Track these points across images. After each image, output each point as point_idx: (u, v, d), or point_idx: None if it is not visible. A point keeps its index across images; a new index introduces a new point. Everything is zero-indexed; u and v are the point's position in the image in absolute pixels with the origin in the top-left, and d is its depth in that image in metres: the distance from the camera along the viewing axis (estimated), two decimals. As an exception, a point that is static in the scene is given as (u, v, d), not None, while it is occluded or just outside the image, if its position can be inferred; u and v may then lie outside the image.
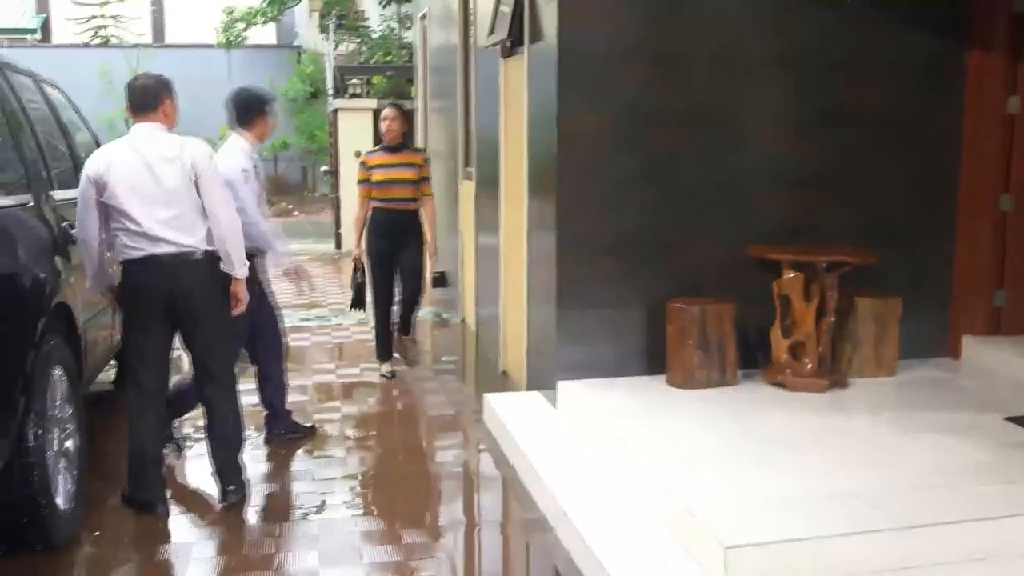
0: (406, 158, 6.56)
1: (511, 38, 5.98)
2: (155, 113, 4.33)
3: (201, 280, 4.31)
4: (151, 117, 4.33)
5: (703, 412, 4.92)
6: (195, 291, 4.31)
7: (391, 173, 6.47)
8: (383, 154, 6.56)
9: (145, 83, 4.40)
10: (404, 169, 6.50)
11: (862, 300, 5.45)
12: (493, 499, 4.79)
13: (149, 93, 4.35)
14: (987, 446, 4.35)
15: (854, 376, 5.45)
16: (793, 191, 5.55)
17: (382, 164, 6.50)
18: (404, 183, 6.49)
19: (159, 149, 4.24)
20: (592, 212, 5.36)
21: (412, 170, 6.53)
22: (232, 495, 4.44)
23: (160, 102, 4.34)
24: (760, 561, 3.41)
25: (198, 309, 4.34)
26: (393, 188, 6.47)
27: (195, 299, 4.32)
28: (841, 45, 5.52)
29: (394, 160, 6.49)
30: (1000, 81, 5.63)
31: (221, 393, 4.51)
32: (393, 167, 6.48)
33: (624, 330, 5.48)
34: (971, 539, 3.57)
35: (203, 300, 4.34)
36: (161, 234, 4.20)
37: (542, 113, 5.52)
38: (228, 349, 4.63)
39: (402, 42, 23.57)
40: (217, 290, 4.40)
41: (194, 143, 4.32)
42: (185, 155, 4.23)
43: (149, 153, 4.23)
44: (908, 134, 5.70)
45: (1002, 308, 5.83)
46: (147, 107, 4.33)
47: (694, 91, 5.38)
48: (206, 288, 4.34)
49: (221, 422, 4.51)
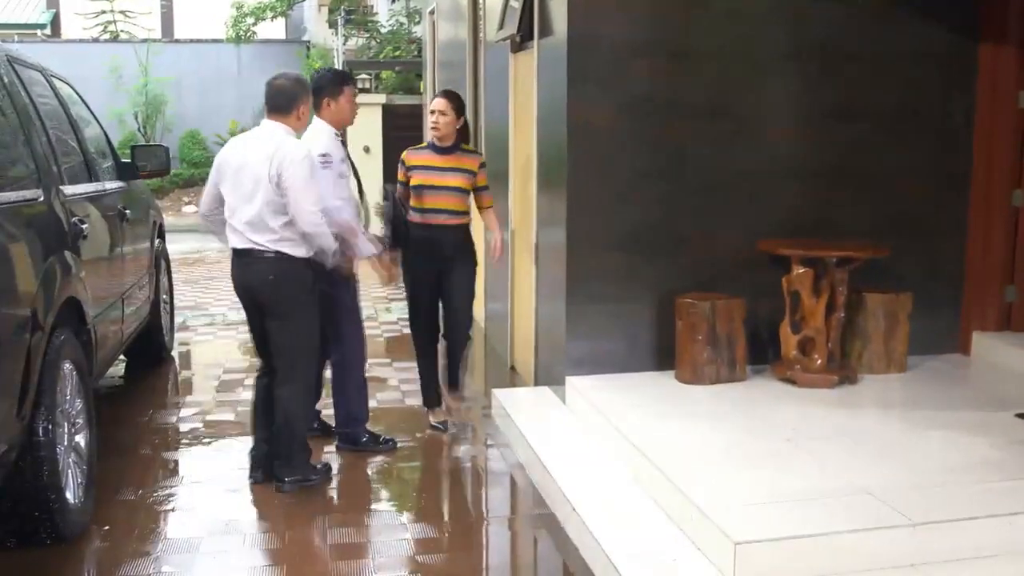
0: (458, 162, 5.25)
1: (521, 33, 5.96)
2: (287, 116, 4.36)
3: (267, 279, 4.35)
4: (282, 119, 4.35)
5: (712, 408, 4.91)
6: (261, 289, 4.38)
7: (434, 178, 5.21)
8: (429, 153, 5.28)
9: (283, 84, 4.40)
10: (453, 175, 5.22)
11: (871, 295, 5.43)
12: (502, 495, 4.78)
13: (285, 95, 4.35)
14: (998, 443, 4.33)
15: (863, 372, 5.43)
16: (805, 185, 5.53)
17: (424, 166, 5.24)
18: (451, 191, 5.21)
19: (261, 149, 4.27)
20: (602, 206, 5.35)
21: (464, 177, 5.24)
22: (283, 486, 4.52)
23: (295, 105, 4.36)
24: (770, 557, 3.40)
25: (265, 306, 4.42)
26: (435, 197, 5.20)
27: (262, 296, 4.39)
28: (854, 39, 5.50)
29: (441, 163, 5.22)
30: (1013, 75, 5.59)
31: (281, 391, 4.48)
32: (438, 171, 5.21)
33: (633, 325, 5.47)
34: (983, 536, 3.56)
35: (270, 298, 4.38)
36: (241, 230, 4.35)
37: (552, 107, 5.51)
38: (297, 349, 4.47)
39: (411, 36, 23.59)
40: (290, 291, 4.37)
41: (290, 143, 4.29)
42: (276, 154, 4.22)
43: (252, 152, 4.30)
44: (921, 128, 5.68)
45: (1013, 303, 5.80)
46: (279, 108, 4.35)
47: (706, 85, 5.37)
48: (273, 287, 4.35)
49: (276, 419, 4.52)
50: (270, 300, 4.39)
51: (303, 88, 4.32)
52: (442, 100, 5.20)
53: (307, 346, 4.51)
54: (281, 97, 4.29)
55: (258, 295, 4.40)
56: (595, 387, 5.22)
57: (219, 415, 5.76)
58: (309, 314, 4.46)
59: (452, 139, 5.24)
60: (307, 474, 4.57)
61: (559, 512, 4.29)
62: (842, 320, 5.31)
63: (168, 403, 6.06)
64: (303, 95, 4.30)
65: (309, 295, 4.43)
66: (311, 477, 4.58)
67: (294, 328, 4.42)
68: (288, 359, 4.45)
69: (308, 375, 4.60)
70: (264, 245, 4.31)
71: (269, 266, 4.32)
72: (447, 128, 5.18)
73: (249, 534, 4.14)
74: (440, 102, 5.20)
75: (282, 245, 4.32)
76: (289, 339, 4.43)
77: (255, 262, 4.32)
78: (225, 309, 8.86)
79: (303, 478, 4.55)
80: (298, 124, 4.33)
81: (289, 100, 4.29)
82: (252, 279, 4.37)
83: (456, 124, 5.21)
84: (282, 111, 4.29)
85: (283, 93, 4.30)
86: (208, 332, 8.02)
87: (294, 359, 4.47)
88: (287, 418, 4.48)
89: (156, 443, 5.31)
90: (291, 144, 4.27)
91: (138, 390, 6.27)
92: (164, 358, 6.94)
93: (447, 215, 5.21)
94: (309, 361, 4.58)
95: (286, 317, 4.39)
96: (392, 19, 23.18)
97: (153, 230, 6.57)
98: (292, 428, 4.50)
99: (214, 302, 9.29)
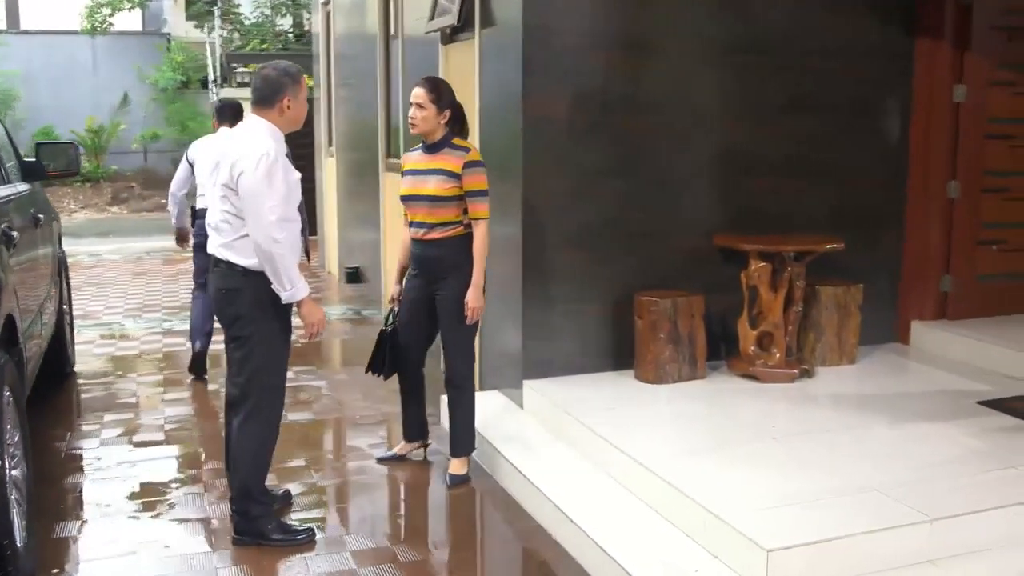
0: (440, 162, 4.41)
1: (461, 23, 5.71)
2: (270, 110, 3.83)
3: (220, 292, 3.86)
4: (264, 112, 3.84)
5: (684, 408, 4.81)
6: (217, 302, 3.92)
7: (415, 184, 4.46)
8: (419, 155, 4.51)
9: (267, 74, 3.88)
10: (432, 178, 4.40)
11: (825, 288, 5.44)
12: (481, 509, 4.51)
13: (269, 85, 3.84)
14: (976, 432, 4.38)
15: (817, 364, 5.44)
16: (757, 179, 5.50)
17: (411, 170, 4.52)
18: (424, 201, 4.41)
19: (235, 149, 3.76)
20: (558, 202, 5.18)
21: (440, 181, 4.36)
22: (235, 539, 3.98)
23: (279, 97, 3.83)
24: (800, 563, 3.30)
25: (222, 321, 3.95)
26: (414, 207, 4.47)
27: (219, 310, 3.93)
28: (802, 32, 5.50)
29: (425, 164, 4.45)
30: (948, 69, 5.71)
31: (236, 423, 3.91)
32: (420, 175, 4.44)
33: (589, 325, 5.32)
34: (995, 527, 3.56)
35: (225, 314, 3.89)
36: (210, 233, 3.92)
37: (502, 100, 5.28)
38: (253, 379, 3.84)
39: (277, 29, 22.87)
40: (247, 309, 3.79)
41: (255, 145, 3.71)
42: (240, 157, 3.70)
43: (226, 151, 3.80)
44: (865, 122, 5.75)
45: (949, 293, 5.93)
46: (263, 101, 3.83)
47: (661, 78, 5.26)
48: (226, 301, 3.85)
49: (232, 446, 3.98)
50: (225, 316, 3.89)
51: (291, 79, 3.84)
52: (419, 90, 4.40)
53: (267, 381, 3.86)
54: (265, 88, 3.82)
55: (217, 309, 3.95)
56: (558, 390, 5.04)
57: (145, 435, 5.29)
58: (270, 340, 3.84)
59: (439, 135, 4.42)
60: (264, 532, 3.92)
61: (546, 523, 4.09)
62: (799, 314, 5.30)
63: (84, 424, 5.52)
64: (289, 86, 3.82)
65: (273, 319, 3.82)
66: (272, 537, 3.92)
67: (249, 354, 3.83)
68: (243, 389, 3.86)
69: (270, 413, 3.91)
70: (220, 253, 3.83)
71: (225, 277, 3.83)
72: (426, 124, 4.37)
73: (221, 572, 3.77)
74: (417, 92, 4.39)
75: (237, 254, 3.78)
76: (245, 365, 3.85)
77: (217, 271, 3.87)
78: (120, 318, 8.26)
79: (259, 535, 3.92)
80: (281, 119, 3.84)
81: (273, 91, 3.81)
82: (212, 290, 3.94)
83: (440, 118, 4.38)
84: (264, 104, 3.82)
85: (267, 83, 3.83)
86: (107, 344, 7.42)
87: (249, 390, 3.85)
88: (238, 460, 3.89)
89: (83, 470, 4.82)
90: (257, 144, 3.72)
91: (48, 410, 5.68)
92: (68, 373, 6.37)
93: (426, 228, 4.43)
94: (270, 396, 3.90)
95: (243, 340, 3.84)
96: (256, 11, 22.42)
97: (56, 235, 6.01)
98: (241, 474, 3.89)
99: (105, 311, 8.64)
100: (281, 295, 3.75)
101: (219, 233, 3.81)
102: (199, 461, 4.94)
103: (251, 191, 3.66)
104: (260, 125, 3.81)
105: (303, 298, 3.80)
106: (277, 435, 3.98)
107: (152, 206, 19.32)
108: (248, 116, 3.88)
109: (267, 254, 3.67)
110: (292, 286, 3.74)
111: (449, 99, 4.44)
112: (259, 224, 3.66)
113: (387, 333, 4.68)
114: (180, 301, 8.88)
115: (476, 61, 5.61)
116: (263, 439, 3.90)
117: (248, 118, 3.88)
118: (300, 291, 3.78)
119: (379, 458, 4.93)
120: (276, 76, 3.82)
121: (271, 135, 3.78)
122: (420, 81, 4.50)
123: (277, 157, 3.72)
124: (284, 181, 3.73)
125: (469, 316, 4.42)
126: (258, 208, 3.66)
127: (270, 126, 3.80)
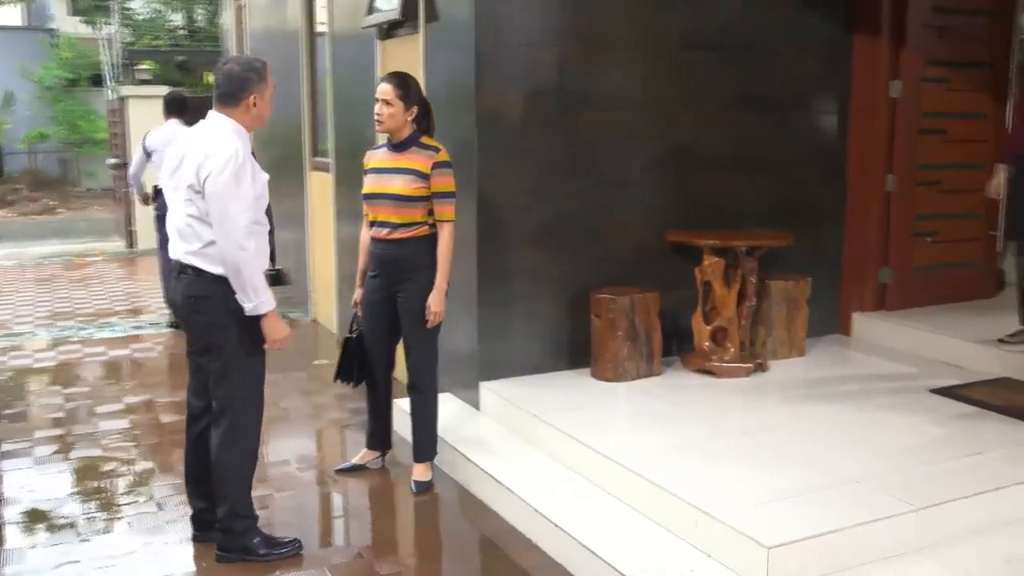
0: (407, 161, 4.26)
1: (404, 16, 5.56)
2: (235, 108, 3.57)
3: (188, 299, 3.60)
4: (229, 111, 3.57)
5: (649, 405, 4.78)
6: (185, 311, 3.67)
7: (379, 183, 4.30)
8: (384, 153, 4.35)
9: (230, 70, 3.60)
10: (399, 177, 4.26)
11: (775, 282, 5.49)
12: (450, 515, 4.36)
13: (232, 81, 3.56)
14: (936, 420, 4.47)
15: (769, 358, 5.48)
16: (705, 175, 5.53)
17: (375, 168, 4.37)
18: (388, 200, 4.26)
19: (200, 149, 3.49)
20: (513, 201, 5.09)
21: (407, 180, 4.21)
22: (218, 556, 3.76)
23: (245, 94, 3.56)
24: (798, 558, 3.29)
25: (191, 331, 3.70)
26: (376, 206, 4.31)
27: (187, 320, 3.69)
28: (746, 28, 5.54)
29: (391, 163, 4.29)
30: (884, 66, 5.83)
31: (214, 439, 3.66)
32: (385, 174, 4.29)
33: (544, 324, 5.25)
34: (975, 512, 3.64)
35: (194, 323, 3.64)
36: (172, 236, 3.66)
37: (451, 97, 5.16)
38: (230, 392, 3.61)
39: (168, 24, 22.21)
40: (219, 318, 3.55)
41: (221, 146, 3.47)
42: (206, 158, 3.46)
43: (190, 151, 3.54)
44: (806, 117, 5.84)
45: (887, 285, 6.06)
46: (227, 98, 3.57)
47: (613, 74, 5.23)
48: (195, 310, 3.60)
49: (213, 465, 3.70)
50: (195, 326, 3.66)
51: (256, 75, 3.58)
52: (386, 86, 4.23)
53: (247, 392, 3.65)
54: (229, 85, 3.56)
55: (184, 317, 3.72)
56: (517, 391, 4.95)
57: (83, 451, 4.99)
58: (247, 348, 3.61)
59: (406, 132, 4.28)
60: (249, 547, 3.72)
61: (525, 528, 4.00)
62: (753, 308, 5.34)
63: (10, 445, 5.17)
64: (255, 82, 3.57)
65: (248, 326, 3.57)
66: (258, 552, 3.73)
67: (225, 365, 3.60)
68: (221, 403, 3.63)
69: (251, 427, 3.70)
70: (187, 260, 3.56)
71: (193, 284, 3.56)
72: (393, 121, 4.22)
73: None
74: (384, 89, 4.22)
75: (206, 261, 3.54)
76: (222, 379, 3.62)
77: (182, 278, 3.61)
78: (31, 327, 7.82)
79: (244, 551, 3.72)
80: (248, 118, 3.59)
81: (238, 88, 3.55)
82: (177, 297, 3.68)
83: (408, 115, 4.24)
84: (228, 101, 3.55)
85: (231, 80, 3.56)
86: (23, 356, 6.99)
87: (227, 404, 3.63)
88: (219, 477, 3.67)
89: (30, 497, 4.47)
90: (218, 144, 3.49)
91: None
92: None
93: (389, 228, 4.28)
94: (251, 408, 3.69)
95: (216, 351, 3.60)
96: (147, 7, 21.73)
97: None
98: (224, 491, 3.67)
99: (15, 320, 8.16)
100: (244, 307, 3.51)
101: (184, 239, 3.57)
102: (150, 476, 4.68)
103: (218, 194, 3.43)
104: (225, 124, 3.56)
105: (268, 312, 3.58)
106: (259, 447, 3.77)
107: (40, 208, 18.47)
108: (211, 114, 3.61)
109: (233, 262, 3.45)
110: (257, 298, 3.52)
111: (417, 95, 4.30)
112: (226, 230, 3.44)
113: (353, 340, 4.52)
114: (94, 308, 8.47)
115: (421, 56, 5.48)
116: (246, 454, 3.70)
117: (211, 116, 3.60)
118: (265, 303, 3.55)
119: (338, 469, 4.75)
120: (241, 72, 3.58)
121: (237, 135, 3.55)
122: (386, 77, 4.34)
123: (245, 159, 3.50)
124: (252, 184, 3.52)
125: (431, 320, 4.30)
126: (225, 212, 3.43)
127: (235, 125, 3.56)
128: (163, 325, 7.80)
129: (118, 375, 6.48)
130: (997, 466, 3.92)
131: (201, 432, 3.76)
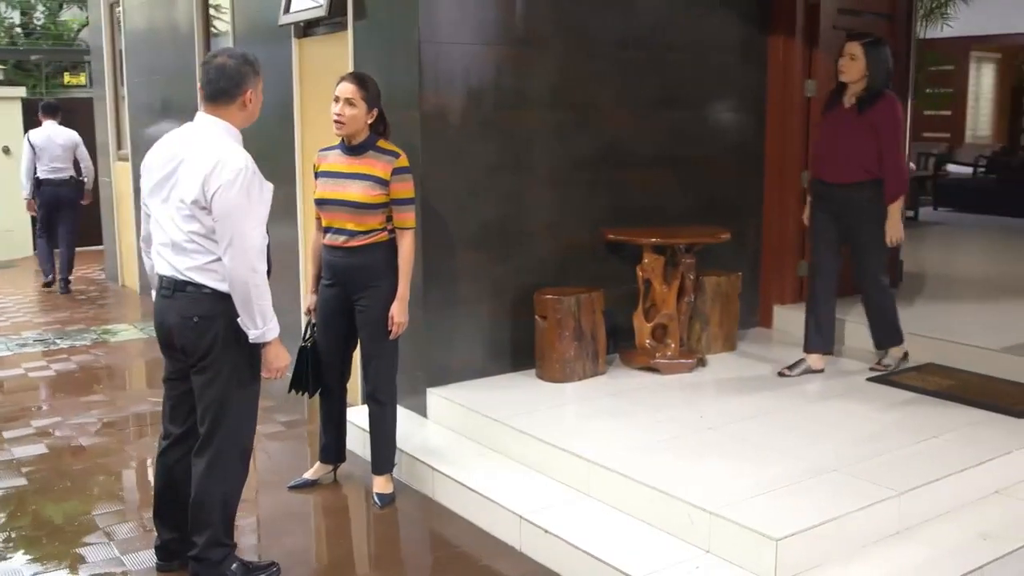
0: (365, 166, 4.07)
1: (331, 15, 5.37)
2: (229, 106, 3.27)
3: (190, 320, 3.28)
4: (222, 110, 3.27)
5: (604, 405, 4.77)
6: (183, 332, 3.31)
7: (334, 188, 4.12)
8: (338, 156, 4.15)
9: (223, 63, 3.27)
10: (357, 183, 4.06)
11: (709, 278, 5.59)
12: (423, 527, 4.22)
13: (228, 77, 3.26)
14: (883, 407, 4.64)
15: (705, 352, 5.58)
16: (634, 173, 5.59)
17: (328, 172, 4.17)
18: (346, 207, 4.07)
19: (201, 159, 3.19)
20: (455, 202, 5.00)
21: (366, 186, 4.03)
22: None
23: (242, 90, 3.27)
24: (801, 549, 3.34)
25: (189, 355, 3.35)
26: (331, 213, 4.12)
27: (185, 341, 3.33)
28: (670, 28, 5.63)
29: (347, 167, 4.10)
30: (799, 65, 6.03)
31: (200, 463, 3.38)
32: (341, 179, 4.09)
33: (488, 327, 5.20)
34: (944, 493, 3.80)
35: (194, 345, 3.30)
36: (163, 252, 3.34)
37: (388, 97, 4.98)
38: (224, 411, 3.35)
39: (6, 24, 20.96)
40: (221, 337, 3.28)
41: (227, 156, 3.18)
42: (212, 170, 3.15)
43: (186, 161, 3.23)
44: (727, 115, 5.98)
45: (805, 278, 6.26)
46: (221, 96, 3.27)
47: (548, 73, 5.21)
48: (197, 330, 3.28)
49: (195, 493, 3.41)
50: (194, 347, 3.31)
51: (252, 68, 3.31)
52: (349, 85, 4.02)
53: (240, 418, 3.40)
54: (223, 80, 3.26)
55: (179, 339, 3.34)
56: (466, 396, 4.87)
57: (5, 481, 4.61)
58: (246, 370, 3.37)
59: (364, 135, 4.10)
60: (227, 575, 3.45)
61: (508, 536, 3.92)
62: (691, 304, 5.41)
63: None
64: (251, 76, 3.29)
65: (245, 347, 3.32)
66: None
67: (222, 392, 3.33)
68: (209, 428, 3.36)
69: (242, 455, 3.44)
70: (188, 276, 3.26)
71: (195, 303, 3.27)
72: (355, 123, 4.03)
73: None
74: (347, 88, 4.02)
75: (212, 278, 3.27)
76: (217, 406, 3.34)
77: (178, 296, 3.29)
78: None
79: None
80: (240, 117, 3.31)
81: (234, 84, 3.26)
82: (172, 318, 3.32)
83: (368, 117, 4.06)
84: (222, 99, 3.25)
85: (225, 74, 3.26)
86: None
87: (215, 429, 3.35)
88: (202, 505, 3.38)
89: None
90: (221, 153, 3.19)
91: None
92: None
93: (347, 236, 4.10)
94: (242, 435, 3.44)
95: (214, 376, 3.32)
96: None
97: None
98: (207, 515, 3.39)
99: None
100: (249, 333, 3.25)
101: (183, 254, 3.25)
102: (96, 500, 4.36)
103: (230, 211, 3.14)
104: (218, 127, 3.27)
105: (273, 340, 3.34)
106: (247, 474, 3.52)
107: None
108: (199, 116, 3.32)
109: (243, 285, 3.18)
110: (264, 324, 3.27)
111: (377, 97, 4.13)
112: (238, 250, 3.16)
113: (308, 348, 4.32)
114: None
115: (350, 56, 5.31)
116: (235, 481, 3.45)
117: (200, 118, 3.31)
118: (272, 331, 3.30)
119: (290, 486, 4.54)
120: (236, 66, 3.28)
121: (236, 139, 3.29)
122: (347, 76, 4.15)
123: (255, 169, 3.23)
124: (262, 197, 3.25)
125: (394, 331, 4.17)
126: (237, 231, 3.15)
127: (229, 128, 3.29)
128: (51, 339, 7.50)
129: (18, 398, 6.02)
130: (955, 448, 4.10)
131: (179, 460, 3.50)
